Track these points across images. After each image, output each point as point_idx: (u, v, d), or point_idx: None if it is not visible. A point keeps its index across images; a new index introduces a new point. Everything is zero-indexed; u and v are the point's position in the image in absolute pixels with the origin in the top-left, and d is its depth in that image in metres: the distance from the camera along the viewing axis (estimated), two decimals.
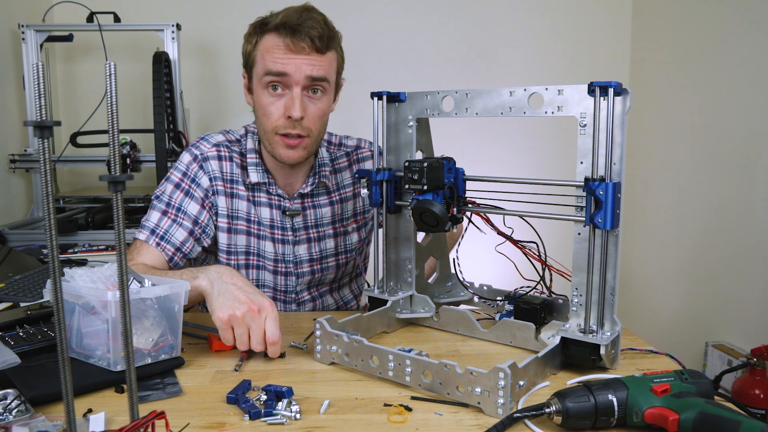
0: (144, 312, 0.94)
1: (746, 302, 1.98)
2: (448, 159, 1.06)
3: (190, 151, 1.35)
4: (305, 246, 1.39)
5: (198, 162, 1.33)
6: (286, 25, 1.19)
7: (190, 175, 1.33)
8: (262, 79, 1.23)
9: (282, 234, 1.37)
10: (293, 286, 1.40)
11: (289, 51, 1.20)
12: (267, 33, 1.23)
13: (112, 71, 0.51)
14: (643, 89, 2.61)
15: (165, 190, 1.32)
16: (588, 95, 0.89)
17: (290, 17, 1.20)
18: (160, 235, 1.27)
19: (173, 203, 1.30)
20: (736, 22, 2.07)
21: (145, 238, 1.27)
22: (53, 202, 0.52)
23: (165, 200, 1.30)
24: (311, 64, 1.21)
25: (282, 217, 1.36)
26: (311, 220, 1.39)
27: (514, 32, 2.74)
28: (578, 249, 0.94)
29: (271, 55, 1.21)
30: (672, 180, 2.43)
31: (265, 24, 1.23)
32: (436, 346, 1.06)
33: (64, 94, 2.63)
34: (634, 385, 0.75)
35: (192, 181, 1.32)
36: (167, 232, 1.28)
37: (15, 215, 2.24)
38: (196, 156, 1.34)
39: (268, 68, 1.21)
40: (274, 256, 1.37)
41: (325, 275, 1.44)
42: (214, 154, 1.34)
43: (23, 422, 0.74)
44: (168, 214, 1.29)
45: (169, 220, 1.29)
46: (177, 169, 1.34)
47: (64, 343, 0.53)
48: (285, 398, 0.82)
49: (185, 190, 1.31)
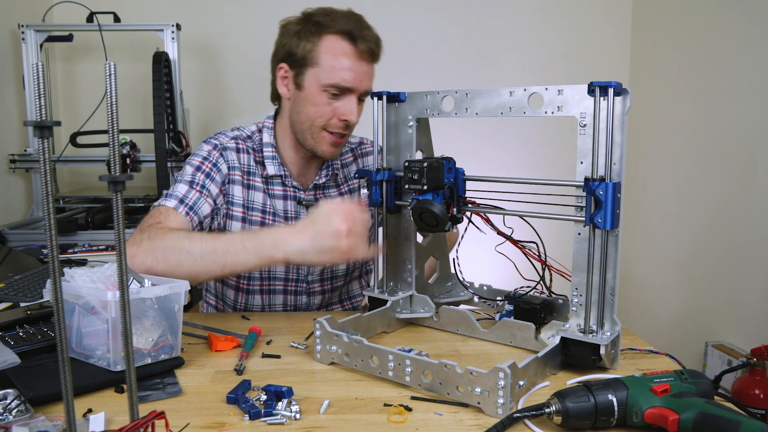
0: (144, 312, 0.94)
1: (746, 302, 1.98)
2: (448, 159, 1.06)
3: (209, 142, 1.38)
4: None
5: (218, 150, 1.36)
6: (352, 32, 1.25)
7: (211, 159, 1.34)
8: (324, 83, 1.26)
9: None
10: (304, 275, 1.42)
11: (355, 58, 1.26)
12: (329, 34, 1.26)
13: (112, 71, 0.51)
14: (643, 89, 2.61)
15: (185, 171, 1.33)
16: (588, 95, 0.89)
17: (351, 23, 1.26)
18: (189, 205, 1.27)
19: (197, 181, 1.31)
20: (736, 22, 2.07)
21: (173, 205, 1.26)
22: (53, 202, 0.52)
23: (188, 178, 1.31)
24: (369, 78, 1.30)
25: (297, 208, 1.40)
26: None
27: (514, 32, 2.74)
28: (578, 249, 0.94)
29: (341, 61, 1.26)
30: (672, 180, 2.43)
31: (323, 24, 1.27)
32: (436, 346, 1.06)
33: (64, 94, 2.63)
34: (634, 385, 0.75)
35: (213, 165, 1.34)
36: (195, 204, 1.28)
37: (15, 215, 2.24)
38: (216, 145, 1.36)
39: (336, 82, 1.25)
40: None
41: (336, 266, 1.45)
42: (233, 145, 1.37)
43: (23, 422, 0.74)
44: (194, 188, 1.30)
45: (196, 193, 1.29)
46: (197, 155, 1.36)
47: (64, 343, 0.53)
48: (285, 398, 0.82)
49: (206, 172, 1.33)
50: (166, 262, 1.11)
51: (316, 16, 1.28)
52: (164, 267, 1.11)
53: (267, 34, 2.10)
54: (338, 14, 1.28)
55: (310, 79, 1.28)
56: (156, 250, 1.12)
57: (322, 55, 1.26)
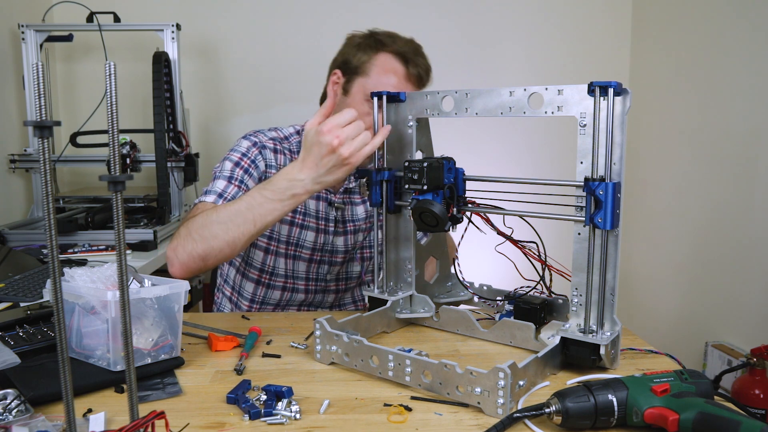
0: (144, 312, 0.94)
1: (746, 302, 1.98)
2: (448, 159, 1.06)
3: (249, 138, 1.41)
4: (342, 238, 1.47)
5: (257, 147, 1.39)
6: (406, 54, 1.34)
7: (250, 156, 1.37)
8: (368, 94, 1.31)
9: (325, 225, 1.45)
10: (324, 274, 1.48)
11: (403, 79, 1.34)
12: (384, 52, 1.35)
13: (112, 71, 0.51)
14: (643, 89, 2.61)
15: (224, 166, 1.35)
16: (588, 95, 0.89)
17: (408, 47, 1.35)
18: (228, 199, 1.29)
19: (236, 176, 1.33)
20: (736, 22, 2.07)
21: (213, 200, 1.29)
22: (53, 202, 0.52)
23: (227, 174, 1.33)
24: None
25: (327, 209, 1.44)
26: (349, 215, 1.48)
27: (514, 32, 2.73)
28: (578, 249, 0.94)
29: (387, 77, 1.34)
30: (672, 180, 2.43)
31: (383, 43, 1.36)
32: (436, 346, 1.06)
33: (64, 94, 2.63)
34: (634, 385, 0.75)
35: (252, 162, 1.37)
36: (235, 198, 1.29)
37: (15, 215, 2.24)
38: (255, 143, 1.40)
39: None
40: (313, 245, 1.44)
41: (351, 267, 1.52)
42: (271, 145, 1.41)
43: (23, 422, 0.74)
44: (233, 183, 1.32)
45: (235, 187, 1.31)
46: (236, 151, 1.38)
47: (64, 343, 0.53)
48: (285, 398, 0.82)
49: (244, 168, 1.35)
50: (203, 238, 1.16)
51: (379, 35, 1.38)
52: (203, 245, 1.16)
53: (267, 34, 2.15)
54: (400, 38, 1.38)
55: (357, 86, 1.35)
56: (192, 233, 1.17)
57: (374, 68, 1.35)
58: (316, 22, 2.64)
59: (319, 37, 2.64)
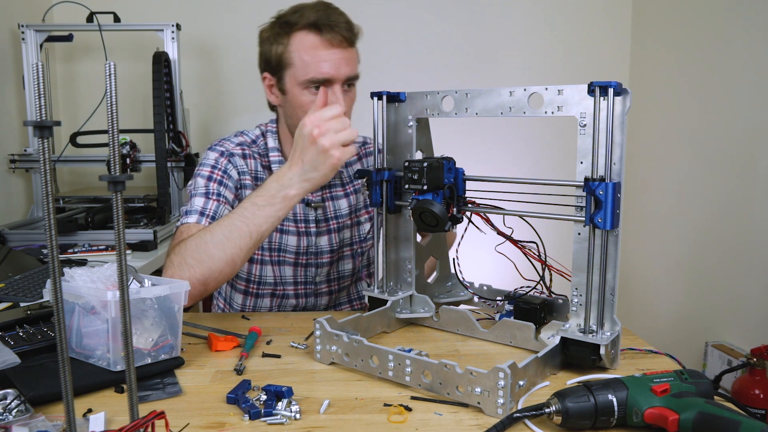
0: (144, 312, 0.94)
1: (746, 302, 1.98)
2: (448, 159, 1.06)
3: (215, 149, 1.37)
4: (326, 237, 1.43)
5: (225, 156, 1.35)
6: (318, 22, 1.23)
7: (220, 167, 1.34)
8: (301, 80, 1.25)
9: (306, 226, 1.41)
10: (312, 276, 1.43)
11: (325, 48, 1.24)
12: (298, 32, 1.25)
13: (112, 71, 0.51)
14: (643, 89, 2.61)
15: (197, 184, 1.32)
16: (588, 95, 0.89)
17: (318, 14, 1.24)
18: (210, 215, 1.26)
19: (211, 191, 1.30)
20: (736, 22, 2.07)
21: (195, 220, 1.25)
22: (53, 202, 0.52)
23: (202, 191, 1.30)
24: (348, 63, 1.26)
25: (306, 210, 1.40)
26: (331, 212, 1.44)
27: (514, 32, 2.73)
28: (578, 249, 0.94)
29: (312, 54, 1.24)
30: (672, 180, 2.43)
31: (291, 23, 1.26)
32: (436, 346, 1.06)
33: (64, 94, 2.63)
34: (633, 385, 0.75)
35: (223, 172, 1.33)
36: (216, 212, 1.27)
37: (15, 215, 2.24)
38: (222, 152, 1.36)
39: (312, 76, 1.24)
40: (296, 249, 1.40)
41: (343, 266, 1.47)
42: (239, 151, 1.37)
43: (23, 422, 0.74)
44: (211, 198, 1.29)
45: (213, 202, 1.28)
46: (205, 165, 1.34)
47: (64, 343, 0.53)
48: (285, 398, 0.82)
49: (218, 180, 1.32)
50: (199, 262, 1.12)
51: (285, 16, 1.28)
52: (201, 268, 1.12)
53: None
54: (306, 8, 1.26)
55: (290, 81, 1.28)
56: (186, 259, 1.12)
57: (294, 54, 1.26)
58: None
59: None
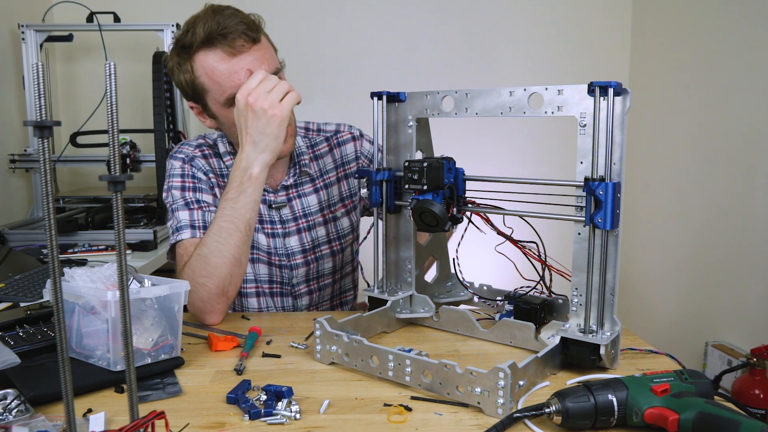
0: (144, 312, 0.94)
1: (746, 302, 1.98)
2: (448, 159, 1.06)
3: (176, 158, 1.35)
4: (296, 237, 1.40)
5: (187, 162, 1.34)
6: (211, 36, 1.18)
7: (188, 174, 1.33)
8: (222, 102, 1.23)
9: (271, 228, 1.38)
10: (288, 278, 1.41)
11: (229, 59, 1.19)
12: (196, 54, 1.21)
13: (112, 71, 0.51)
14: (643, 89, 2.61)
15: (174, 197, 1.30)
16: (588, 95, 0.89)
17: (209, 26, 1.18)
18: (200, 226, 1.26)
19: (190, 199, 1.29)
20: (736, 21, 2.07)
21: (189, 235, 1.25)
22: (53, 202, 0.52)
23: (181, 203, 1.29)
24: (261, 62, 1.21)
25: (269, 211, 1.38)
26: (299, 210, 1.40)
27: (514, 32, 2.74)
28: (578, 249, 0.94)
29: (220, 73, 1.19)
30: (672, 180, 2.43)
31: (187, 46, 1.21)
32: (436, 346, 1.06)
33: (64, 94, 2.63)
34: (633, 385, 0.75)
35: (192, 178, 1.33)
36: (205, 220, 1.26)
37: (15, 215, 2.24)
38: (183, 159, 1.35)
39: (229, 93, 1.20)
40: (267, 248, 1.38)
41: (322, 265, 1.43)
42: (199, 153, 1.36)
43: (23, 422, 0.74)
44: (194, 207, 1.28)
45: (198, 210, 1.28)
46: (172, 176, 1.33)
47: (64, 343, 0.53)
48: (285, 398, 0.82)
49: (191, 187, 1.31)
50: (209, 277, 1.15)
51: (181, 38, 1.22)
52: (213, 282, 1.15)
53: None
54: (197, 21, 1.19)
55: (213, 105, 1.25)
56: (197, 279, 1.14)
57: (203, 79, 1.21)
58: (316, 23, 2.65)
59: (319, 37, 2.65)
